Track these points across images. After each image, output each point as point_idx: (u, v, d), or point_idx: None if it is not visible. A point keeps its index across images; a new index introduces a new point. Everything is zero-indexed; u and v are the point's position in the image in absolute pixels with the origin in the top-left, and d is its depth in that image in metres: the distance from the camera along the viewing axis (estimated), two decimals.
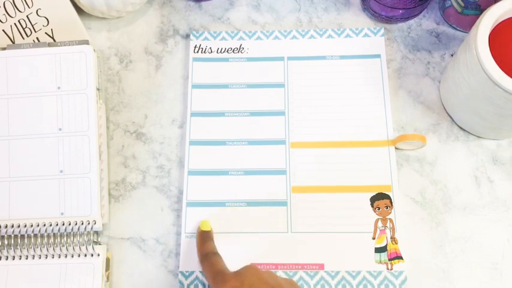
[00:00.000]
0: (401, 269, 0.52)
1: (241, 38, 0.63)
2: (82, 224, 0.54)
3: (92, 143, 0.55)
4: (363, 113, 0.59)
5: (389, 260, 0.53)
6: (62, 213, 0.54)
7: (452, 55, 0.62)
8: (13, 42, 0.61)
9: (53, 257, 0.54)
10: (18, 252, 0.54)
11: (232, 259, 0.54)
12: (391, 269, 0.52)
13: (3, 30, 0.61)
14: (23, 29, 0.61)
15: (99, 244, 0.55)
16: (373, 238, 0.54)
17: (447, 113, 0.59)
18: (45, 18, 0.61)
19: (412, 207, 0.56)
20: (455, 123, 0.59)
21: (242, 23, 0.65)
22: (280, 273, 0.53)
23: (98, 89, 0.58)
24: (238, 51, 0.62)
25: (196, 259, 0.54)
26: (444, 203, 0.56)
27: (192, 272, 0.53)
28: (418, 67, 0.61)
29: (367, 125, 0.58)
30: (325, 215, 0.55)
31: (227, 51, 0.62)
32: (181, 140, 0.60)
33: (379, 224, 0.54)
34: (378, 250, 0.53)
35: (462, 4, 0.59)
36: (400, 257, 0.53)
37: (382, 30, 0.62)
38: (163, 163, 0.59)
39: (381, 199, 0.55)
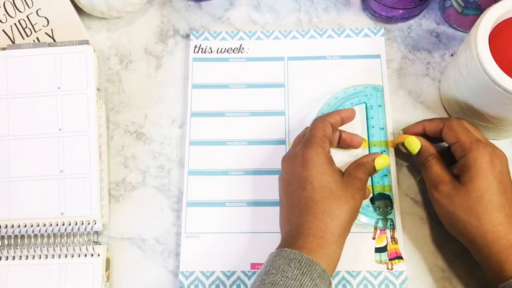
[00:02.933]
0: (402, 269, 0.52)
1: (241, 38, 0.63)
2: (82, 224, 0.54)
3: (92, 143, 0.55)
4: (363, 113, 0.59)
5: (390, 260, 0.53)
6: (62, 213, 0.54)
7: (452, 55, 0.62)
8: (13, 42, 0.61)
9: (53, 257, 0.54)
10: (18, 252, 0.54)
11: (232, 259, 0.54)
12: (392, 269, 0.52)
13: (3, 30, 0.61)
14: (23, 29, 0.61)
15: (99, 244, 0.55)
16: (373, 238, 0.54)
17: (447, 113, 0.59)
18: (45, 18, 0.61)
19: (412, 207, 0.56)
20: None
21: (242, 23, 0.65)
22: None
23: (98, 89, 0.58)
24: (238, 51, 0.62)
25: (196, 259, 0.54)
26: None
27: (192, 272, 0.53)
28: (418, 67, 0.61)
29: (368, 124, 0.58)
30: None
31: (227, 51, 0.62)
32: (181, 140, 0.60)
33: (379, 224, 0.54)
34: (378, 250, 0.53)
35: (462, 4, 0.59)
36: (400, 257, 0.53)
37: (382, 30, 0.62)
38: (164, 163, 0.59)
39: (381, 199, 0.55)
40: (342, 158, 0.55)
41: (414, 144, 0.52)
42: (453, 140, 0.50)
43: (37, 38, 0.61)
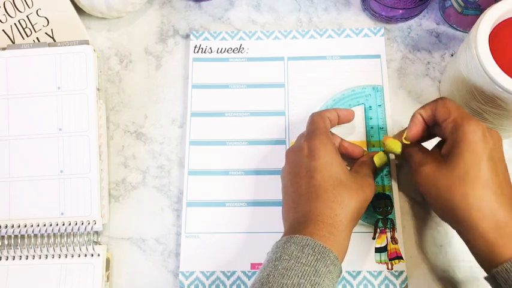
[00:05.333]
0: (402, 269, 0.52)
1: (241, 38, 0.63)
2: (82, 224, 0.54)
3: (92, 143, 0.55)
4: (362, 113, 0.59)
5: (390, 260, 0.53)
6: (62, 213, 0.54)
7: (452, 55, 0.62)
8: (13, 42, 0.61)
9: (53, 257, 0.54)
10: (18, 252, 0.54)
11: (232, 259, 0.54)
12: (392, 269, 0.52)
13: (3, 30, 0.61)
14: (23, 29, 0.61)
15: (99, 244, 0.55)
16: (374, 238, 0.54)
17: None
18: (45, 18, 0.61)
19: (412, 207, 0.56)
20: None
21: (242, 23, 0.65)
22: None
23: (98, 89, 0.58)
24: (238, 51, 0.62)
25: (196, 259, 0.54)
26: None
27: (193, 272, 0.53)
28: (418, 67, 0.62)
29: (367, 125, 0.58)
30: None
31: (227, 51, 0.62)
32: (181, 140, 0.60)
33: (379, 224, 0.54)
34: (378, 250, 0.53)
35: (462, 4, 0.59)
36: (400, 257, 0.53)
37: (382, 30, 0.62)
38: (164, 163, 0.59)
39: (381, 199, 0.55)
40: None
41: (396, 146, 0.51)
42: (445, 116, 0.47)
43: (37, 38, 0.61)
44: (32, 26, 0.61)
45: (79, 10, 0.63)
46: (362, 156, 0.55)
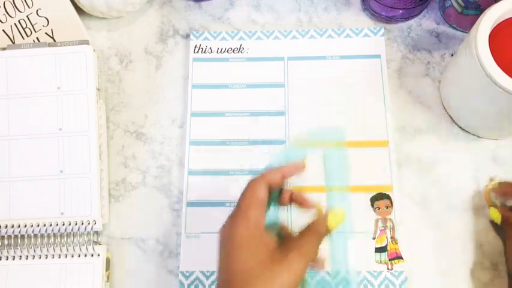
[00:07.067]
0: (402, 269, 0.52)
1: (241, 38, 0.63)
2: (82, 224, 0.54)
3: (92, 143, 0.55)
4: (362, 113, 0.59)
5: (390, 260, 0.53)
6: (62, 213, 0.54)
7: (452, 55, 0.62)
8: (13, 42, 0.61)
9: (53, 257, 0.54)
10: (18, 252, 0.54)
11: None
12: (392, 269, 0.52)
13: (3, 30, 0.61)
14: (23, 29, 0.61)
15: (99, 244, 0.55)
16: (374, 238, 0.54)
17: (447, 112, 0.59)
18: (45, 18, 0.61)
19: (412, 207, 0.56)
20: (455, 123, 0.59)
21: (242, 23, 0.65)
22: None
23: (98, 89, 0.58)
24: (238, 51, 0.62)
25: (196, 259, 0.54)
26: (444, 203, 0.56)
27: (192, 272, 0.53)
28: (418, 67, 0.61)
29: (367, 125, 0.58)
30: None
31: (227, 51, 0.62)
32: (181, 140, 0.60)
33: (379, 224, 0.54)
34: (378, 250, 0.53)
35: (462, 4, 0.59)
36: (400, 257, 0.53)
37: (382, 30, 0.62)
38: (164, 163, 0.59)
39: (381, 199, 0.55)
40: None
41: (495, 216, 0.53)
42: None
43: (37, 38, 0.61)
44: (32, 26, 0.61)
45: (79, 10, 0.63)
46: (313, 207, 0.45)
